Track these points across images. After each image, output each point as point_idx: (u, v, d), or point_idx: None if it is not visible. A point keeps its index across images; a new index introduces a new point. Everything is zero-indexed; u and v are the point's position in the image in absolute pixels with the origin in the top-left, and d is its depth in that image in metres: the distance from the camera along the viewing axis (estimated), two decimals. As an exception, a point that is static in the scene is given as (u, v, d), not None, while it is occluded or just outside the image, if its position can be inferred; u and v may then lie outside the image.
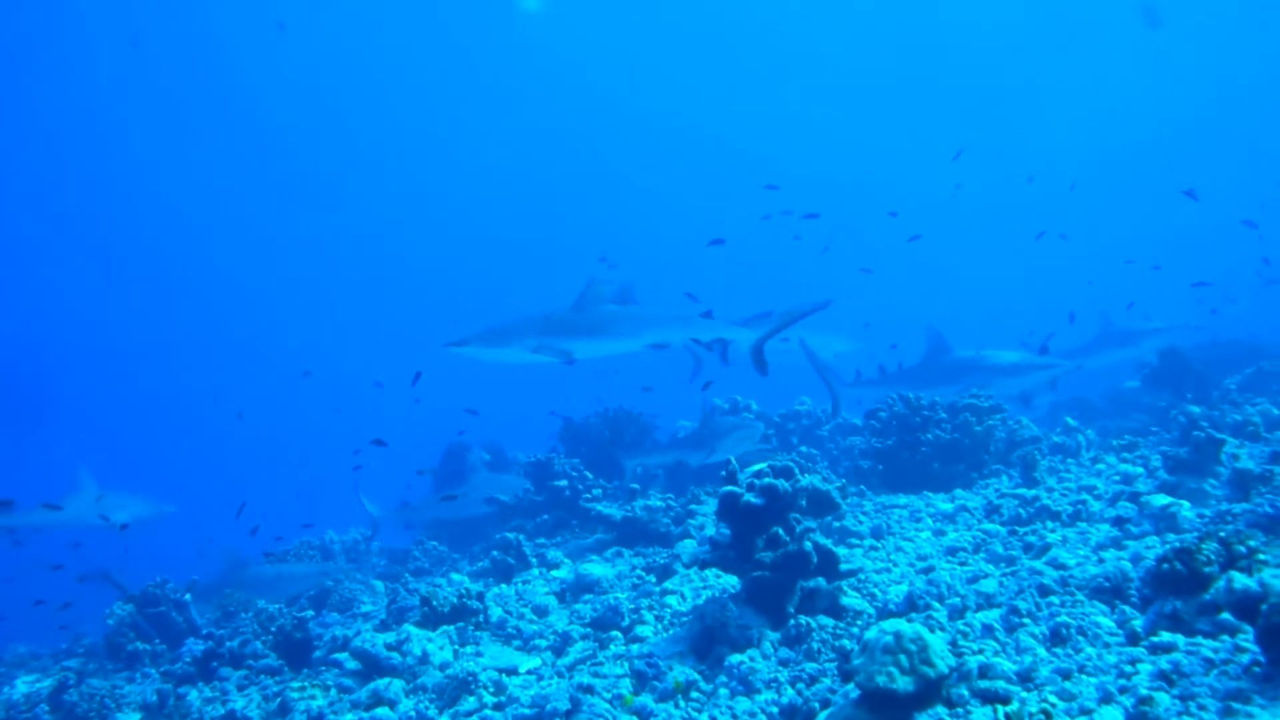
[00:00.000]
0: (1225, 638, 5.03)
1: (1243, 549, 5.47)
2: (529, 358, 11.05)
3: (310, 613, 10.64)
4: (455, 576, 10.92)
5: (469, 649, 8.30)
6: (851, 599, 7.43)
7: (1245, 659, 4.71)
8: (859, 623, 7.00)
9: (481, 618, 8.87)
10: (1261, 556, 5.48)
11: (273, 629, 9.50)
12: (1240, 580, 5.14)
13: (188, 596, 11.72)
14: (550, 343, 10.93)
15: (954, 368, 14.83)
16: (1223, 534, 5.59)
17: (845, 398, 14.70)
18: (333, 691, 7.83)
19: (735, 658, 6.61)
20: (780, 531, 7.30)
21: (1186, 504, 8.23)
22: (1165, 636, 5.22)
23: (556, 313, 11.38)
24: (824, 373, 14.69)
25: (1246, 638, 4.88)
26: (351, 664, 8.26)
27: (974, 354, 15.01)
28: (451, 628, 8.61)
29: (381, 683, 7.51)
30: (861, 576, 7.95)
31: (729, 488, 7.41)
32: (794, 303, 12.53)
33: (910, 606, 7.04)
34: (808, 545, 7.24)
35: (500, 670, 7.55)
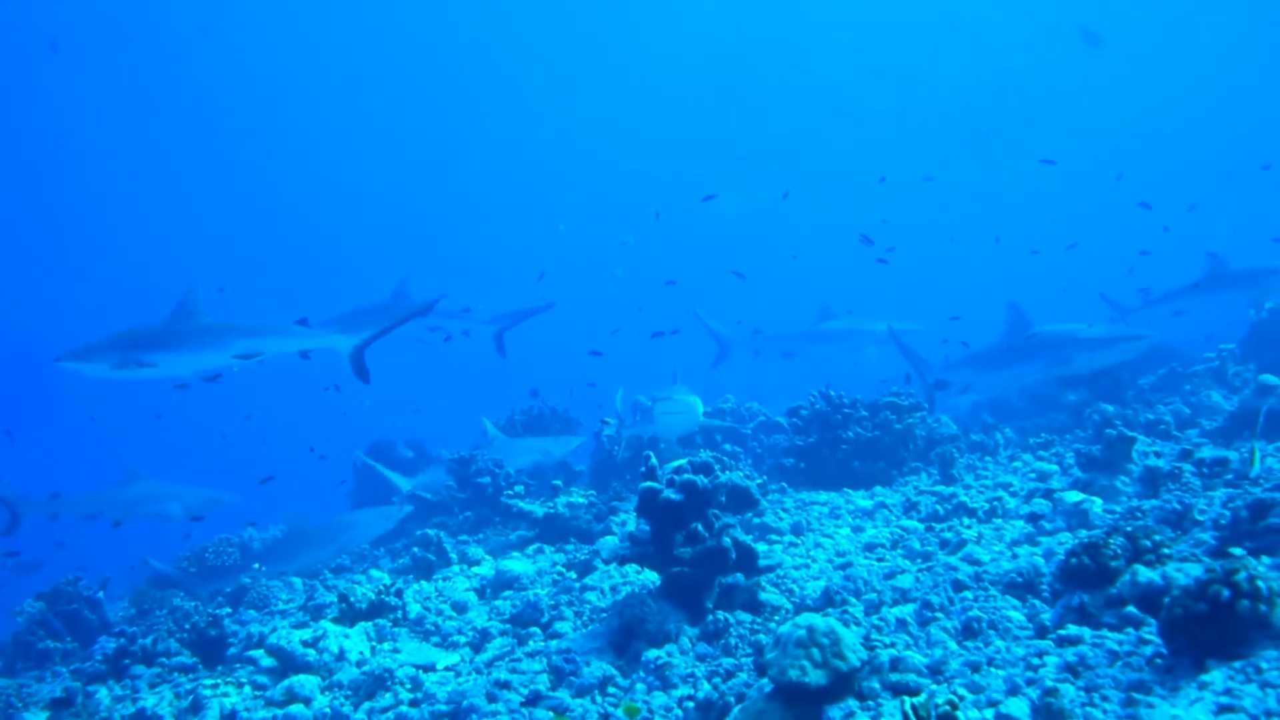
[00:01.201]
0: (1130, 630, 5.13)
1: (1148, 543, 5.58)
2: (113, 373, 11.06)
3: (226, 610, 10.49)
4: (375, 573, 10.82)
5: (386, 645, 8.23)
6: (770, 594, 7.48)
7: (1148, 650, 4.80)
8: (776, 618, 7.05)
9: (400, 614, 8.80)
10: (1166, 551, 5.59)
11: (187, 626, 9.33)
12: (1144, 574, 5.24)
13: (101, 594, 11.52)
14: (133, 356, 10.95)
15: (1040, 344, 14.24)
16: (1129, 529, 5.71)
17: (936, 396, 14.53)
18: (247, 689, 7.73)
19: (653, 653, 6.61)
20: (700, 528, 7.31)
21: (1098, 501, 8.39)
22: (1072, 629, 5.31)
23: (143, 326, 11.39)
24: (915, 363, 14.67)
25: (1150, 630, 4.98)
26: (267, 661, 8.14)
27: (1059, 328, 14.51)
28: (369, 624, 8.54)
29: (296, 680, 7.42)
30: (780, 572, 8.00)
31: (648, 484, 7.39)
32: (401, 306, 12.65)
33: (827, 602, 7.11)
34: (727, 541, 7.26)
35: (417, 667, 7.49)
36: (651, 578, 8.03)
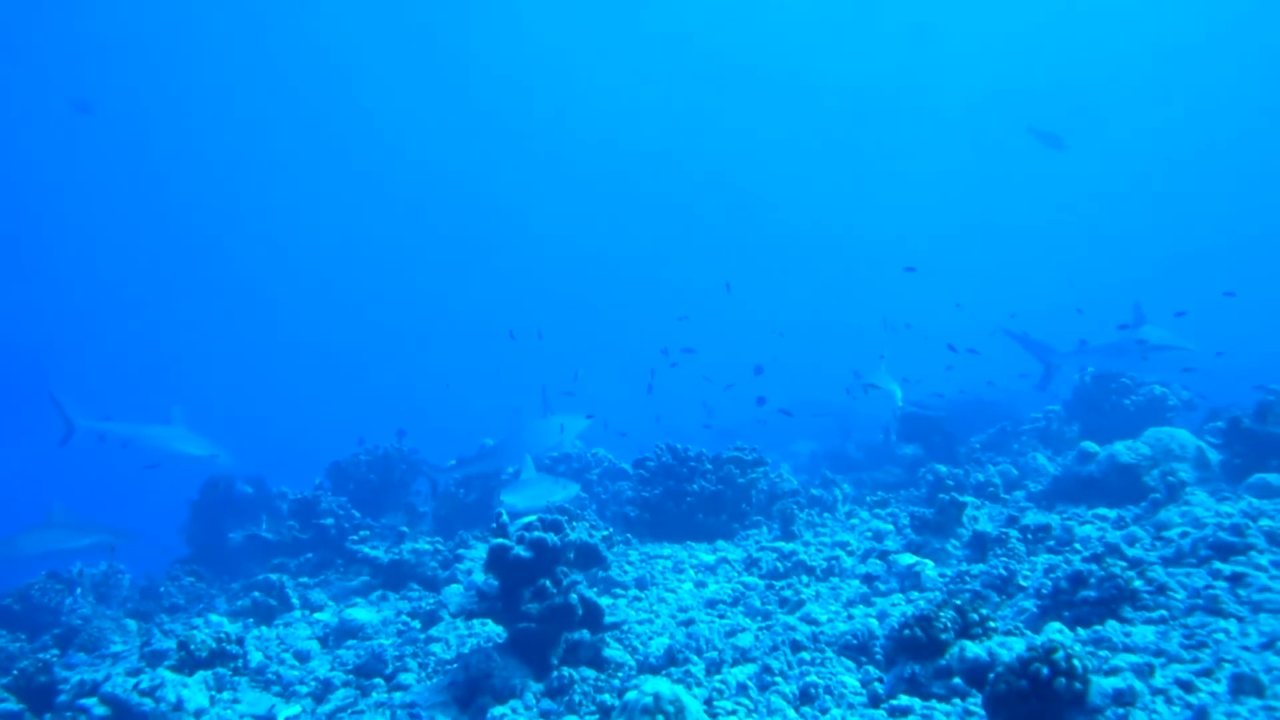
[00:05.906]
0: (957, 701, 5.40)
1: (976, 616, 5.87)
2: None
3: (55, 653, 10.16)
4: (214, 617, 10.60)
5: (226, 695, 8.08)
6: (614, 651, 7.60)
7: (973, 723, 5.07)
8: (620, 675, 7.17)
9: (241, 662, 8.64)
10: (992, 624, 5.90)
11: (14, 671, 9.01)
12: (971, 649, 5.53)
13: None
14: None
15: None
16: (958, 602, 5.99)
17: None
18: (76, 739, 7.52)
19: (497, 709, 6.66)
20: (548, 584, 7.40)
21: (930, 563, 8.76)
22: (904, 700, 5.55)
23: None
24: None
25: (975, 702, 5.25)
26: (100, 710, 7.89)
27: None
28: (209, 673, 8.36)
29: (131, 731, 7.26)
30: (625, 628, 8.13)
31: (499, 540, 7.46)
32: None
33: (670, 660, 7.25)
34: (574, 598, 7.37)
35: (257, 718, 7.41)
36: (498, 630, 8.07)
